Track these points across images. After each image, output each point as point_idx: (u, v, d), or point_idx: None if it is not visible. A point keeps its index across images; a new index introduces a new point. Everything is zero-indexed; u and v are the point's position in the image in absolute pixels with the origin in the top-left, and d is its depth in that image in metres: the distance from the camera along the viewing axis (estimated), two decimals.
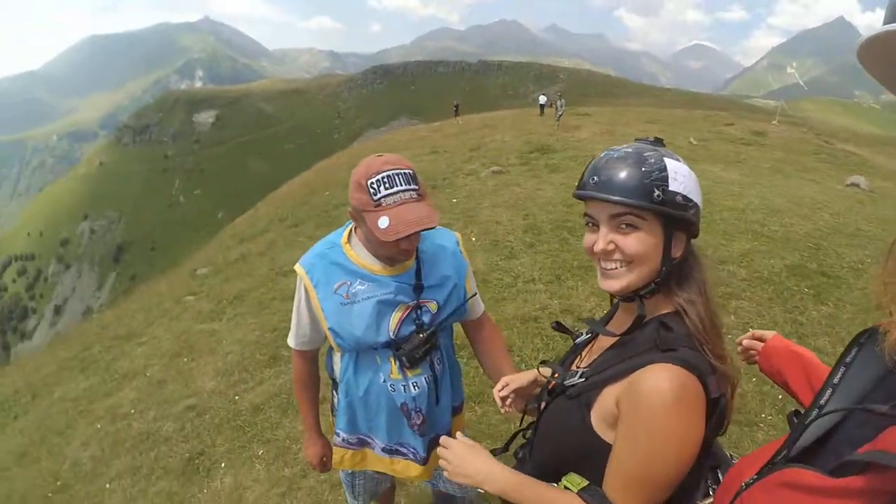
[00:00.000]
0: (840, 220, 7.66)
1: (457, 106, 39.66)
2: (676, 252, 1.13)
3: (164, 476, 4.02)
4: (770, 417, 3.72)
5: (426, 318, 1.79)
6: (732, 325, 4.77)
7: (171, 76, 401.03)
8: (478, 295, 2.00)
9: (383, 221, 1.56)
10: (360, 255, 1.78)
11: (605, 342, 1.25)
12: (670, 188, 1.07)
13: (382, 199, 1.57)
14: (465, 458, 1.26)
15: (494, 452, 1.35)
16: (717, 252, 6.23)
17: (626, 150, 1.13)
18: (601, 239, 1.12)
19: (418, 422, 1.87)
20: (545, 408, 1.29)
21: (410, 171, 1.63)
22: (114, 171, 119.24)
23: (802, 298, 5.27)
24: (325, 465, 2.13)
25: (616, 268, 1.13)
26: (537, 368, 1.52)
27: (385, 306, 1.73)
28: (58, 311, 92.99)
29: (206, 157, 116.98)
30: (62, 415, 5.59)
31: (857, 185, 10.86)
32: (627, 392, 1.05)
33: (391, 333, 1.75)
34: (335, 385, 1.98)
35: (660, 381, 1.01)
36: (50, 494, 4.29)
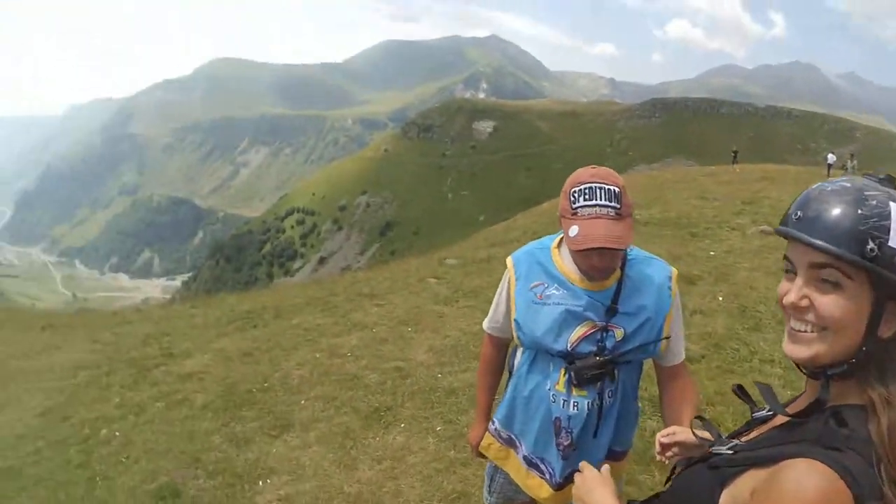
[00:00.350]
0: None
1: (735, 153, 36.31)
2: (886, 330, 0.89)
3: (351, 413, 4.49)
4: None
5: (608, 343, 1.72)
6: None
7: (457, 84, 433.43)
8: (678, 341, 1.84)
9: (573, 230, 1.58)
10: (563, 262, 1.79)
11: (778, 420, 1.05)
12: (890, 243, 0.84)
13: (579, 209, 1.60)
14: (591, 486, 1.22)
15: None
16: None
17: (844, 183, 0.92)
18: (794, 290, 0.94)
19: (565, 442, 1.81)
20: (682, 469, 1.17)
21: (615, 189, 1.60)
22: (395, 159, 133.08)
23: None
24: (477, 449, 2.15)
25: (806, 331, 0.93)
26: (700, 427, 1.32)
27: (571, 317, 1.72)
28: (321, 261, 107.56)
29: (478, 163, 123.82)
30: (292, 337, 6.43)
31: None
32: (766, 484, 0.86)
33: (568, 345, 1.72)
34: (510, 378, 2.00)
35: (805, 483, 0.80)
36: (254, 390, 5.02)
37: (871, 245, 0.84)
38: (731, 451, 1.00)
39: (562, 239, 1.81)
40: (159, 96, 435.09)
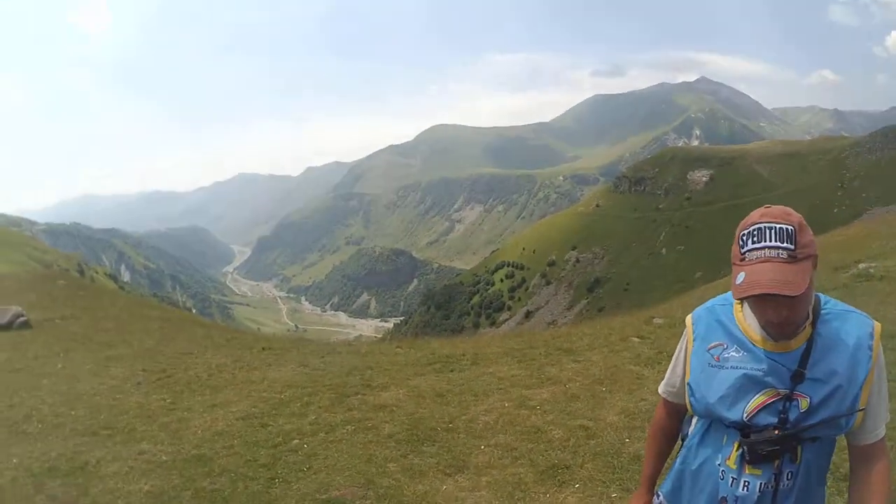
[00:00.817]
0: None
1: None
2: None
3: (527, 465, 4.43)
4: None
5: (792, 415, 1.52)
6: None
7: (668, 134, 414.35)
8: (877, 414, 1.58)
9: (740, 277, 1.46)
10: (746, 319, 1.63)
11: None
12: None
13: (747, 254, 1.48)
14: None
15: None
16: None
17: None
18: None
19: None
20: None
21: (789, 227, 1.45)
22: (607, 214, 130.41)
23: None
24: None
25: None
26: None
27: (751, 383, 1.55)
28: (528, 315, 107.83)
29: (694, 215, 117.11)
30: (485, 384, 6.51)
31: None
32: None
33: (745, 415, 1.55)
34: (682, 447, 1.85)
35: None
36: (439, 429, 5.20)
37: None
38: None
39: None
40: (385, 159, 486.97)
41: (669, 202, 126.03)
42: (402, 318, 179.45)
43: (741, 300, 1.61)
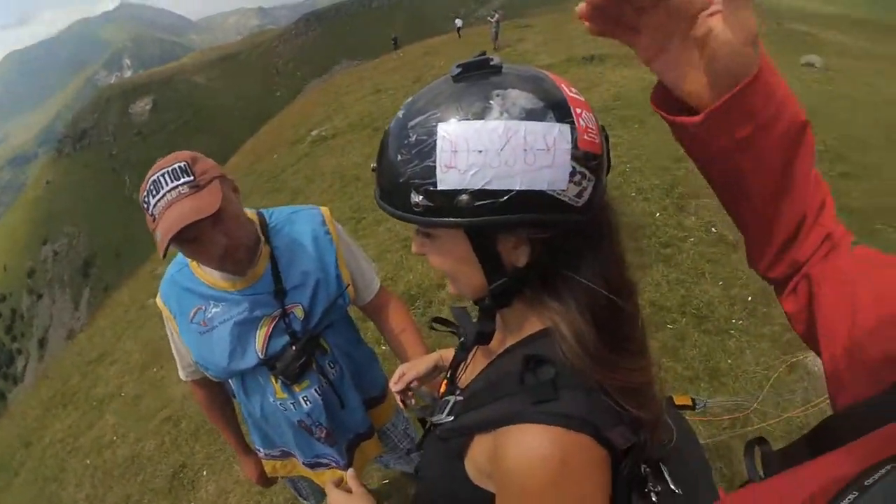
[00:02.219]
0: (800, 102, 5.36)
1: (395, 39, 39.06)
2: (517, 260, 0.75)
3: (154, 498, 4.09)
4: (741, 322, 3.57)
5: (297, 327, 1.55)
6: (693, 226, 4.65)
7: (98, 73, 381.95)
8: (363, 275, 1.72)
9: (157, 236, 1.29)
10: (207, 272, 1.53)
11: (482, 350, 0.92)
12: (441, 186, 0.67)
13: (154, 211, 1.30)
14: None
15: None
16: (671, 148, 5.49)
17: (400, 112, 0.74)
18: (414, 242, 0.82)
19: (322, 435, 1.68)
20: (422, 443, 1.04)
21: (182, 164, 1.32)
22: (63, 186, 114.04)
23: None
24: (264, 478, 1.98)
25: None
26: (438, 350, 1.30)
27: (245, 326, 1.51)
28: (42, 344, 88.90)
29: (150, 147, 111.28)
30: (54, 458, 5.70)
31: (813, 65, 10.86)
32: (494, 460, 0.73)
33: (259, 354, 1.53)
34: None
35: (531, 455, 0.69)
36: None
37: (415, 199, 0.70)
38: (451, 418, 0.88)
39: None
40: None
41: (121, 144, 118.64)
42: None
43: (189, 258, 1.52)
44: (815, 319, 0.68)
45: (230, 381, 1.68)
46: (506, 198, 0.66)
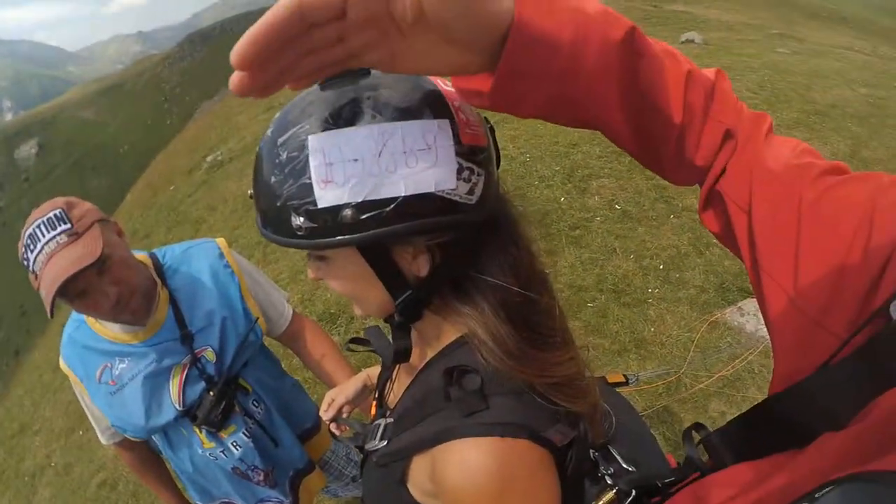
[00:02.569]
0: None
1: None
2: (419, 270, 0.71)
3: None
4: (657, 290, 3.70)
5: (211, 370, 1.48)
6: (597, 206, 4.77)
7: None
8: (273, 305, 1.64)
9: (42, 294, 1.21)
10: (106, 326, 1.45)
11: (405, 366, 0.89)
12: (321, 205, 0.62)
13: (34, 267, 1.23)
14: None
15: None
16: (566, 134, 5.91)
17: (269, 130, 0.68)
18: (308, 266, 0.77)
19: (261, 478, 1.62)
20: (362, 471, 0.97)
21: (57, 211, 1.25)
22: None
23: None
24: None
25: None
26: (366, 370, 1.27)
27: (156, 379, 1.44)
28: None
29: (40, 193, 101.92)
30: None
31: (692, 41, 11.03)
32: (435, 480, 0.70)
33: (177, 405, 1.46)
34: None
35: (471, 470, 0.66)
36: None
37: (297, 221, 0.64)
38: (385, 443, 0.84)
39: None
40: None
41: (9, 194, 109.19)
42: None
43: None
44: (738, 249, 0.63)
45: (153, 438, 1.58)
46: (392, 206, 0.62)
